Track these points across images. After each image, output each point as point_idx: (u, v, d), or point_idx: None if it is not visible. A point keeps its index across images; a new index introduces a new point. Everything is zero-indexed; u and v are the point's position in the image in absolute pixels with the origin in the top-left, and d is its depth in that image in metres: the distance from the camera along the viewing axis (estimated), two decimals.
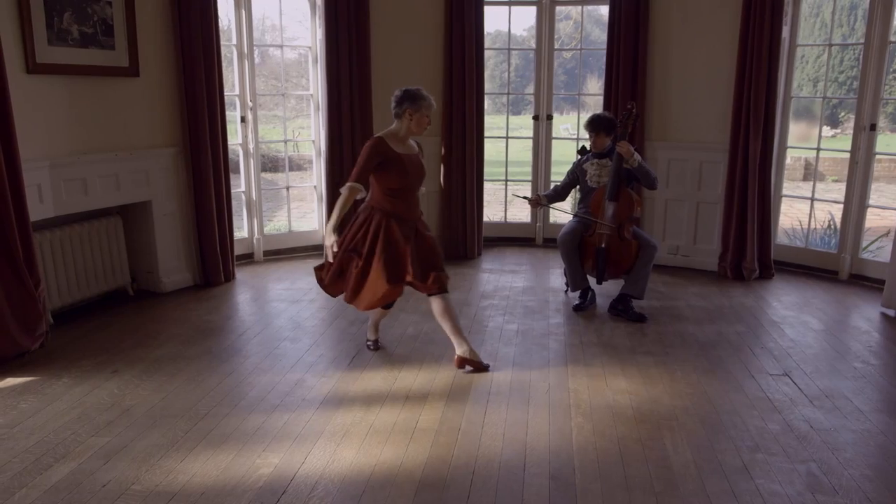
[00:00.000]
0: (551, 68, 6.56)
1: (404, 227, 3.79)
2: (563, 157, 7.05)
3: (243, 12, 5.76)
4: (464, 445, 3.08)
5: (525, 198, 5.10)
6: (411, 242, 3.79)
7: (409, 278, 3.79)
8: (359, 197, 3.68)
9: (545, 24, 6.48)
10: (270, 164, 12.22)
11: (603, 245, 4.76)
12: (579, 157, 5.13)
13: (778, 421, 3.33)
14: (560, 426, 3.26)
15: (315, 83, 6.21)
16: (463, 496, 2.71)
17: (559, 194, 5.13)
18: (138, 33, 4.85)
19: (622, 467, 2.92)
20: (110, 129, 4.82)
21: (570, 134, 12.03)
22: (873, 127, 5.37)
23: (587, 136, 4.98)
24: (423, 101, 3.78)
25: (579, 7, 6.82)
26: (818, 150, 6.00)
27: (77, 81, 4.56)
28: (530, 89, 6.88)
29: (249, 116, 5.95)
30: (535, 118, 6.66)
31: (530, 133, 6.81)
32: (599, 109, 5.71)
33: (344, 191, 3.62)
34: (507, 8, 6.73)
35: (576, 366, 3.95)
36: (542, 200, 5.10)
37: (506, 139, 7.03)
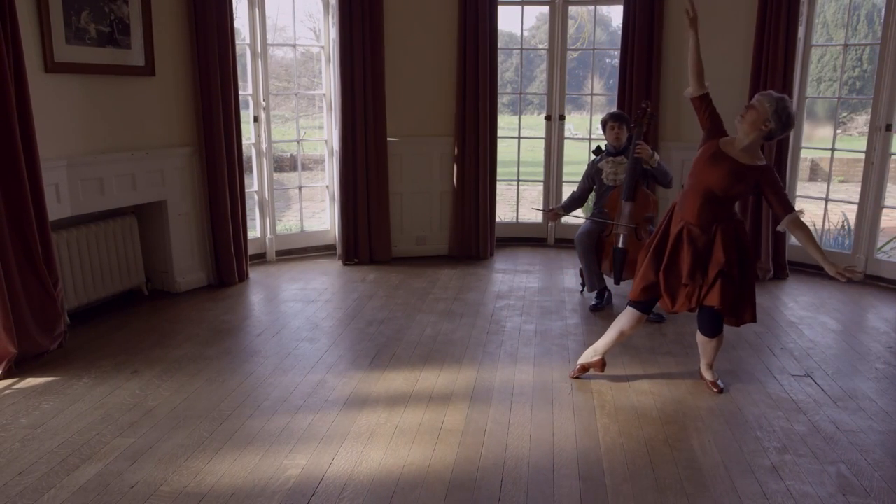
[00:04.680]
0: (564, 68, 6.55)
1: (675, 227, 3.50)
2: (568, 157, 7.04)
3: (257, 12, 5.74)
4: (491, 446, 3.07)
5: (542, 210, 5.07)
6: (678, 250, 3.46)
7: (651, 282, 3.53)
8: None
9: (558, 24, 6.47)
10: (276, 164, 12.24)
11: (621, 245, 4.75)
12: (594, 157, 5.12)
13: (804, 422, 3.32)
14: (586, 427, 3.25)
15: (328, 83, 6.20)
16: (494, 497, 2.70)
17: (577, 200, 5.12)
18: (154, 32, 4.84)
19: (651, 468, 2.91)
20: (126, 128, 4.81)
21: (572, 134, 12.04)
22: (889, 127, 5.37)
23: (602, 134, 4.98)
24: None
25: (582, 7, 6.81)
26: (833, 150, 6.01)
27: (94, 81, 4.54)
28: (531, 89, 6.88)
29: (262, 116, 5.93)
30: (548, 118, 6.65)
31: (533, 133, 6.81)
32: (604, 110, 5.72)
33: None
34: (517, 8, 6.73)
35: None
36: (560, 212, 5.09)
37: (517, 139, 7.02)
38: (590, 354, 3.77)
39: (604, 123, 4.97)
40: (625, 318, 3.67)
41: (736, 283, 3.43)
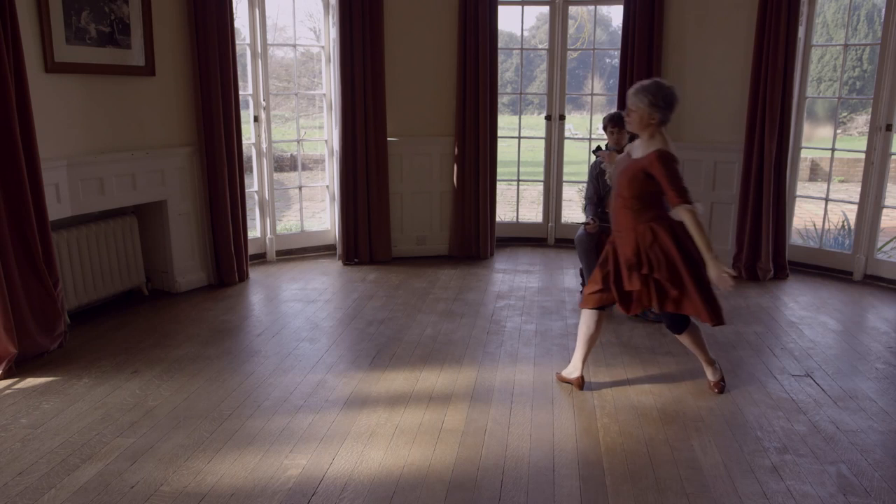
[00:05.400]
0: (564, 68, 6.55)
1: (612, 237, 3.54)
2: (568, 157, 7.05)
3: (257, 12, 5.75)
4: (491, 446, 3.07)
5: (584, 224, 4.96)
6: (617, 260, 3.48)
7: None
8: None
9: (558, 24, 6.47)
10: (276, 164, 12.26)
11: None
12: (595, 157, 5.12)
13: (804, 422, 3.32)
14: (586, 427, 3.25)
15: (328, 83, 6.20)
16: (494, 497, 2.70)
17: (597, 203, 5.07)
18: (154, 32, 4.84)
19: (651, 468, 2.91)
20: (127, 128, 4.81)
21: (572, 134, 12.06)
22: (889, 127, 5.36)
23: (602, 134, 4.98)
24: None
25: (582, 7, 6.81)
26: (833, 150, 6.01)
27: (94, 81, 4.55)
28: (531, 89, 6.89)
29: (262, 116, 5.93)
30: (548, 118, 6.65)
31: (533, 133, 6.81)
32: (605, 110, 5.71)
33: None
34: (517, 8, 6.73)
35: (597, 367, 3.94)
36: (596, 220, 4.98)
37: (517, 139, 7.02)
38: (570, 370, 3.73)
39: (604, 127, 4.96)
40: (584, 323, 3.64)
41: (665, 285, 3.33)
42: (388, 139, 6.09)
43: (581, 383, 3.65)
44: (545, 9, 6.53)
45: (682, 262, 3.30)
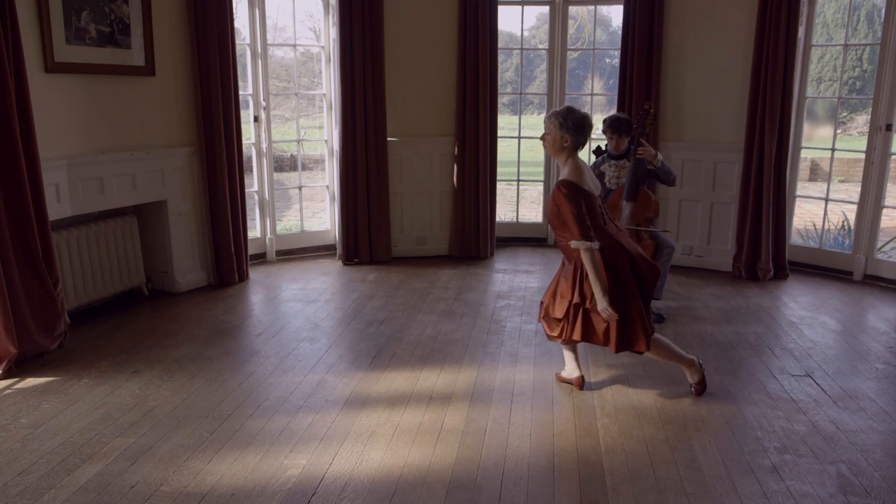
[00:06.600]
0: (564, 68, 6.55)
1: None
2: None
3: (257, 12, 5.75)
4: (491, 446, 3.07)
5: None
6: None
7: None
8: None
9: (558, 24, 6.47)
10: (276, 164, 12.26)
11: None
12: (595, 157, 5.12)
13: (804, 422, 3.32)
14: (586, 427, 3.25)
15: (328, 83, 6.20)
16: (494, 497, 2.70)
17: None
18: (154, 32, 4.84)
19: (651, 468, 2.91)
20: (127, 128, 4.81)
21: None
22: (889, 127, 5.37)
23: (601, 134, 4.97)
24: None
25: (582, 7, 6.82)
26: (833, 150, 6.01)
27: (94, 81, 4.55)
28: (531, 89, 6.89)
29: (262, 116, 5.94)
30: None
31: (533, 133, 6.81)
32: (604, 110, 5.70)
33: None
34: (517, 8, 6.74)
35: (597, 366, 3.94)
36: None
37: (517, 139, 7.03)
38: (568, 371, 3.73)
39: (603, 130, 4.95)
40: None
41: (595, 316, 3.37)
42: (388, 139, 6.10)
43: (581, 383, 3.65)
44: (545, 9, 6.54)
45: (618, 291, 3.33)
